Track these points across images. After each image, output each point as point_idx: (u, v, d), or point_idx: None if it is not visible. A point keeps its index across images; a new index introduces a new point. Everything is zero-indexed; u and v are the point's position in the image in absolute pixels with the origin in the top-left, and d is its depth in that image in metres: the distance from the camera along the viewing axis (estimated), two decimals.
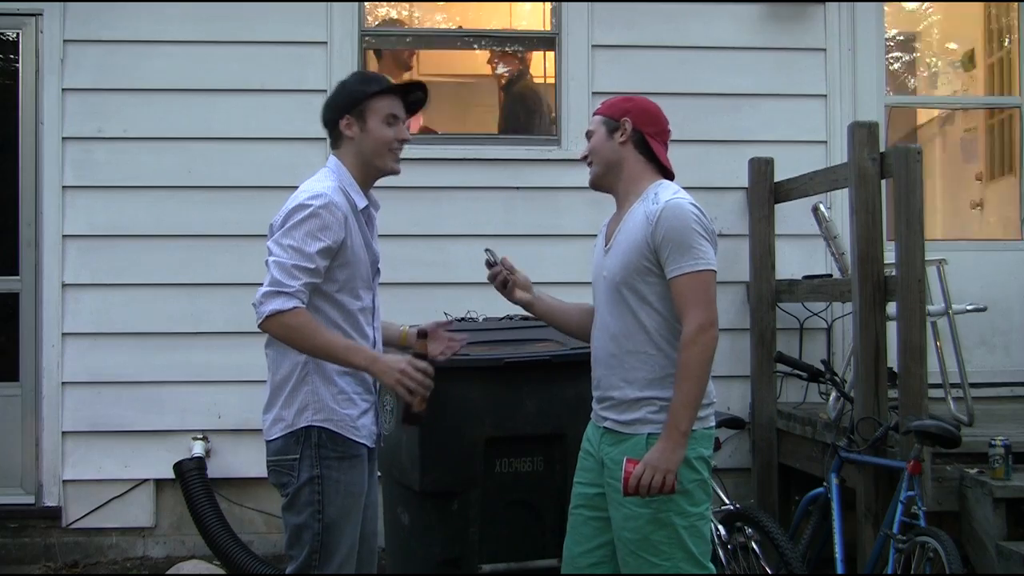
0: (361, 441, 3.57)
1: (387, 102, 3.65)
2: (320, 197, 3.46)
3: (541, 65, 7.11)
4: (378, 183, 3.76)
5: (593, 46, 6.61)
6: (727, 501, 5.38)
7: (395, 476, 4.67)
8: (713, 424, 3.55)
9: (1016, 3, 7.21)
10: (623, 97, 3.75)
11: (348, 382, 3.56)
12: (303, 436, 3.48)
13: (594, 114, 3.76)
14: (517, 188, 6.52)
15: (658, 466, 3.29)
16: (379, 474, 3.86)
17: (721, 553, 5.09)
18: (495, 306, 5.70)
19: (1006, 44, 7.49)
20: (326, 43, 6.47)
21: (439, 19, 7.58)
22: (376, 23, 6.96)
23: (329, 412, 3.50)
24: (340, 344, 3.45)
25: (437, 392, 3.50)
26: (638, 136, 3.61)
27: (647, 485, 3.29)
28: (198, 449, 6.20)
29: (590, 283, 3.81)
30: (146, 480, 6.31)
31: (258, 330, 3.45)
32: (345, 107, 3.64)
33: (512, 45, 7.19)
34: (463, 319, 5.23)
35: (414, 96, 3.77)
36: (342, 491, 3.51)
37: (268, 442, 3.57)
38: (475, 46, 7.20)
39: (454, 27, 7.38)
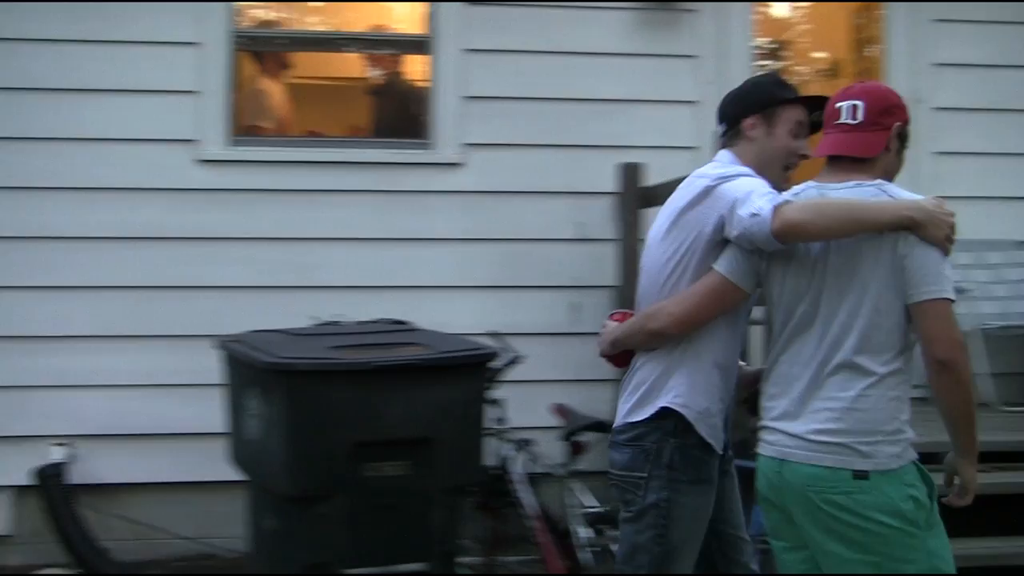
0: (710, 441, 3.32)
1: (797, 112, 3.49)
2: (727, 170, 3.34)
3: (416, 68, 7.10)
4: (240, 185, 3.69)
5: (467, 50, 6.62)
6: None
7: (260, 480, 4.63)
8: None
9: (880, 12, 7.37)
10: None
11: (718, 377, 3.36)
12: (653, 453, 3.30)
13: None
14: (389, 192, 6.48)
15: None
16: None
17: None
18: (364, 310, 5.72)
19: (869, 54, 7.71)
20: (197, 44, 6.37)
21: (314, 21, 7.53)
22: (249, 25, 6.87)
23: (688, 399, 3.32)
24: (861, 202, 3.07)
25: (304, 396, 3.43)
26: None
27: None
28: (59, 455, 6.04)
29: (462, 287, 3.79)
30: (5, 487, 6.14)
31: (129, 333, 3.36)
32: (755, 106, 3.48)
33: (386, 48, 7.17)
34: (330, 323, 5.20)
35: (815, 116, 3.51)
36: (688, 516, 3.32)
37: (613, 453, 3.42)
38: (349, 48, 7.16)
39: (329, 29, 7.33)
